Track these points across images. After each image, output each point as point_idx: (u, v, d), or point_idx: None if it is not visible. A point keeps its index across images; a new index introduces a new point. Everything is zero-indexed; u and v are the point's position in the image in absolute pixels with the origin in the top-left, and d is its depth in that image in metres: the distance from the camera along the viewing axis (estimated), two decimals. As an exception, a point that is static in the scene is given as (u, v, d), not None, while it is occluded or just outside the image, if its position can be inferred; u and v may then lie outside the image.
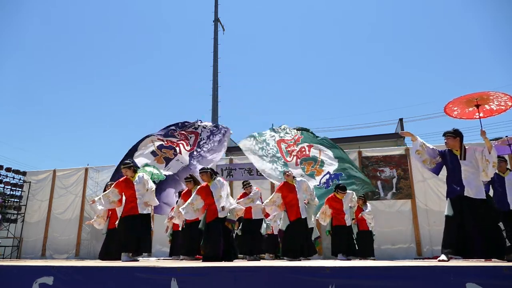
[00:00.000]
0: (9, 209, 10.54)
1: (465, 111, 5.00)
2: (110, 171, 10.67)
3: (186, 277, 2.62)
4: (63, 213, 10.63)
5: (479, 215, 3.73)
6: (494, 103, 4.82)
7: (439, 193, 8.47)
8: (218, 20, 16.65)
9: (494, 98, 4.75)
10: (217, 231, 4.80)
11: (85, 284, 2.85)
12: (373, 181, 9.00)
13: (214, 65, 15.82)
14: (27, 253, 10.51)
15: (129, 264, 3.51)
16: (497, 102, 4.79)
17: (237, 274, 2.56)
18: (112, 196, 5.13)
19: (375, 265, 2.48)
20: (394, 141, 15.14)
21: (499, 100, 4.75)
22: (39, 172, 11.43)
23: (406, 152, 9.12)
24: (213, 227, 4.84)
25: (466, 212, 3.77)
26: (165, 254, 8.99)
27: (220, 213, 4.84)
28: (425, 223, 8.48)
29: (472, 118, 5.06)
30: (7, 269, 3.17)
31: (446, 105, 4.99)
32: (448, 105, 4.98)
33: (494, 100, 4.77)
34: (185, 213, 5.03)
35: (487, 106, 4.88)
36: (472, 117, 5.04)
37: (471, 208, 3.76)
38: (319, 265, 2.59)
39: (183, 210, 5.01)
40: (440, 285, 2.21)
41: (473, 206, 3.77)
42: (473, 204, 3.78)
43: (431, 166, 4.20)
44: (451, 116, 5.13)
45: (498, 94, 4.68)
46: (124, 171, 5.20)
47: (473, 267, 2.32)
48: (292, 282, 2.43)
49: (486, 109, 4.91)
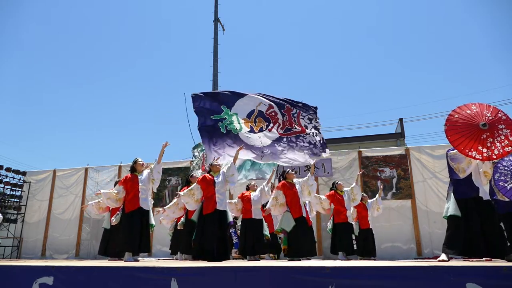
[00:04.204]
0: (9, 209, 10.54)
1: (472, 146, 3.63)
2: (110, 171, 10.70)
3: (186, 277, 2.62)
4: (63, 213, 10.64)
5: (485, 216, 3.76)
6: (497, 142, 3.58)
7: (439, 193, 8.48)
8: (218, 20, 16.64)
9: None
10: (213, 225, 4.78)
11: (85, 284, 2.85)
12: (373, 181, 9.02)
13: (214, 65, 15.80)
14: (27, 253, 10.52)
15: (129, 264, 3.52)
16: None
17: (237, 274, 2.56)
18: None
19: (375, 265, 2.48)
20: (394, 141, 15.17)
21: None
22: (39, 172, 11.44)
23: (406, 152, 9.12)
24: (209, 220, 4.82)
25: (473, 213, 3.79)
26: (165, 253, 9.00)
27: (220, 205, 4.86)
28: (425, 223, 8.48)
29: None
30: (7, 269, 3.16)
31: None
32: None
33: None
34: (186, 203, 5.09)
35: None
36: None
37: (478, 209, 3.79)
38: (319, 265, 2.59)
39: (184, 199, 5.07)
40: (440, 285, 2.21)
41: (480, 207, 3.80)
42: (480, 205, 3.81)
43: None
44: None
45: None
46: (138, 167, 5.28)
47: (473, 267, 2.33)
48: (292, 282, 2.44)
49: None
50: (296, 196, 5.64)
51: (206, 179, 5.11)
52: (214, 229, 4.78)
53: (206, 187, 5.02)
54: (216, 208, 4.87)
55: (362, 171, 8.21)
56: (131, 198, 5.04)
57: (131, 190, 5.09)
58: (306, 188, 6.03)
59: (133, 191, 5.07)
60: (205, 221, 4.85)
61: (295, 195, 5.64)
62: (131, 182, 5.14)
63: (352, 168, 9.34)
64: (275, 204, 5.65)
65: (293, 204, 5.58)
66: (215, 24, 16.59)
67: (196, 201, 5.09)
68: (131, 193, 5.07)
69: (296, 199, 5.62)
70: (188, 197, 5.07)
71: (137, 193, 5.05)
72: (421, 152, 9.02)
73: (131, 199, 5.04)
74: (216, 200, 4.89)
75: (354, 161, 9.38)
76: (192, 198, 5.07)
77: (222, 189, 5.03)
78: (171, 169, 10.27)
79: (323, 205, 6.86)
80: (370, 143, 13.77)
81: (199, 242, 4.79)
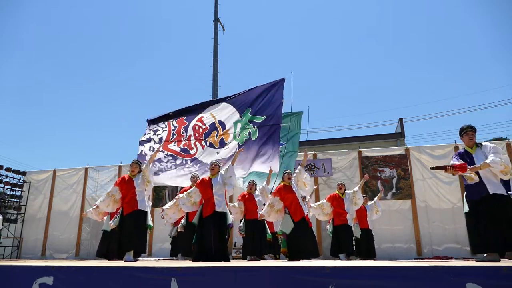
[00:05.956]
0: (9, 209, 10.54)
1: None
2: (110, 171, 10.70)
3: (186, 277, 2.62)
4: (63, 213, 10.64)
5: (497, 210, 3.71)
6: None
7: (439, 193, 8.49)
8: (218, 20, 16.63)
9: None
10: (212, 227, 4.79)
11: (85, 284, 2.85)
12: (373, 181, 9.02)
13: (214, 65, 15.79)
14: (27, 253, 10.53)
15: (129, 264, 3.52)
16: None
17: (237, 274, 2.56)
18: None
19: (375, 265, 2.48)
20: (394, 141, 15.18)
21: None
22: (39, 172, 11.45)
23: (406, 152, 9.13)
24: (208, 222, 4.84)
25: (484, 208, 3.78)
26: (165, 253, 9.00)
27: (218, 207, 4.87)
28: (425, 223, 8.49)
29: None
30: (7, 269, 3.16)
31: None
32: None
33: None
34: (183, 204, 5.11)
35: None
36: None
37: (490, 204, 3.76)
38: (319, 265, 2.59)
39: (181, 201, 5.09)
40: (440, 285, 2.21)
41: (492, 201, 3.77)
42: (492, 200, 3.77)
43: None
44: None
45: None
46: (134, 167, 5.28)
47: (473, 267, 2.32)
48: (292, 282, 2.43)
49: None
50: (295, 199, 5.57)
51: (204, 181, 5.14)
52: (213, 231, 4.79)
53: (204, 190, 5.04)
54: (215, 210, 4.88)
55: (367, 178, 7.65)
56: (129, 201, 5.08)
57: (128, 193, 5.13)
58: (300, 181, 5.93)
59: (130, 194, 5.12)
60: (204, 224, 4.87)
61: (294, 198, 5.57)
62: (126, 184, 5.18)
63: (352, 168, 9.35)
64: (270, 211, 5.61)
65: (292, 208, 5.51)
66: (215, 24, 16.58)
67: (192, 204, 5.12)
68: (128, 195, 5.11)
69: (295, 202, 5.54)
70: (186, 199, 5.12)
71: (134, 196, 5.09)
72: (421, 152, 9.02)
73: (129, 201, 5.08)
74: (214, 202, 4.90)
75: (354, 161, 9.38)
76: (189, 200, 5.11)
77: (220, 191, 5.01)
78: (171, 169, 10.25)
79: (325, 211, 6.87)
80: (370, 143, 13.77)
81: (199, 245, 4.81)
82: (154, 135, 6.40)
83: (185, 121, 6.45)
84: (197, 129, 6.37)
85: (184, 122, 6.45)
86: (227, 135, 6.24)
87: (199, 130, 6.36)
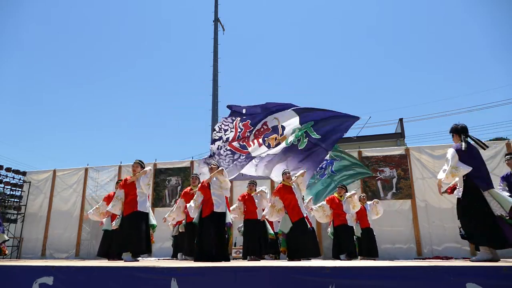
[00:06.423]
0: (9, 209, 10.54)
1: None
2: (110, 171, 10.70)
3: (186, 277, 2.62)
4: (63, 213, 10.64)
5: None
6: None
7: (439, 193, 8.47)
8: (218, 20, 16.63)
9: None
10: (211, 227, 4.85)
11: (85, 284, 2.85)
12: (373, 181, 9.01)
13: (214, 65, 15.78)
14: (27, 253, 10.53)
15: (129, 264, 3.52)
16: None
17: (237, 274, 2.56)
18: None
19: (375, 265, 2.48)
20: (394, 141, 15.17)
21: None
22: (39, 172, 11.45)
23: (406, 152, 9.12)
24: (207, 223, 4.90)
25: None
26: (165, 253, 9.00)
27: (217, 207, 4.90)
28: (425, 223, 8.48)
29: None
30: (7, 269, 3.16)
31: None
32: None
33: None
34: (191, 211, 5.21)
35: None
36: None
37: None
38: (319, 265, 2.59)
39: (190, 208, 5.23)
40: (440, 285, 2.21)
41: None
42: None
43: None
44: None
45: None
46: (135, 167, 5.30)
47: (473, 267, 2.33)
48: (292, 282, 2.43)
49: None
50: (294, 199, 5.61)
51: (203, 184, 5.25)
52: (212, 231, 4.84)
53: (204, 192, 5.14)
54: (213, 210, 4.93)
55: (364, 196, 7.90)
56: (129, 201, 5.10)
57: (129, 194, 5.16)
58: (301, 181, 5.90)
59: (131, 194, 5.14)
60: (204, 224, 4.94)
61: (292, 198, 5.62)
62: (128, 185, 5.21)
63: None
64: (272, 211, 5.69)
65: (290, 208, 5.58)
66: (215, 24, 16.58)
67: (197, 207, 5.19)
68: (129, 196, 5.14)
69: (294, 202, 5.60)
70: (193, 205, 5.20)
71: (135, 197, 5.12)
72: (421, 152, 9.02)
73: (129, 202, 5.10)
74: (213, 203, 4.96)
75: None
76: (195, 205, 5.18)
77: (218, 191, 5.06)
78: (171, 169, 10.26)
79: (326, 213, 6.91)
80: (370, 143, 13.76)
81: (199, 245, 4.86)
82: (224, 135, 6.75)
83: (250, 126, 6.72)
84: (261, 130, 6.67)
85: (249, 127, 6.73)
86: (284, 138, 6.46)
87: (260, 130, 6.66)
